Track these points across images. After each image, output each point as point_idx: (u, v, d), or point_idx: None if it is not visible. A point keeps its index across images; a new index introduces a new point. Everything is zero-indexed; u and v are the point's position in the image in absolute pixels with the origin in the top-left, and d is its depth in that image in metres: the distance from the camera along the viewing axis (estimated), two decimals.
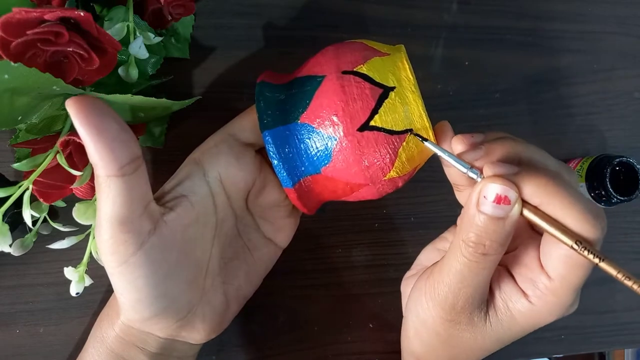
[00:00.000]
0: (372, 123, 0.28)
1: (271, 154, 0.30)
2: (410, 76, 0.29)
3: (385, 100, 0.28)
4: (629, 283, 0.25)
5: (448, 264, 0.28)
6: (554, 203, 0.26)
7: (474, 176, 0.27)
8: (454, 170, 0.29)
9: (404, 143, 0.29)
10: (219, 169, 0.31)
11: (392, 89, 0.29)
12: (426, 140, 0.28)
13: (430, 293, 0.30)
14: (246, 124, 0.32)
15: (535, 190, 0.26)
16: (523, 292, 0.29)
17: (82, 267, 0.33)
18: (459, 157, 0.28)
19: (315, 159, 0.29)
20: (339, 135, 0.28)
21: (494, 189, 0.26)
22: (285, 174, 0.30)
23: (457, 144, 0.28)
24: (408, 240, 0.43)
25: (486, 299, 0.29)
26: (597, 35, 0.48)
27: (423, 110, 0.29)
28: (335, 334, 0.42)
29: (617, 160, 0.42)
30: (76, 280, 0.33)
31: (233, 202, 0.32)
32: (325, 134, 0.29)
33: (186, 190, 0.30)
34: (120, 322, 0.30)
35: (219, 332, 0.33)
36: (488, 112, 0.45)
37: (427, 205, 0.44)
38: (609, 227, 0.47)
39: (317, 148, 0.29)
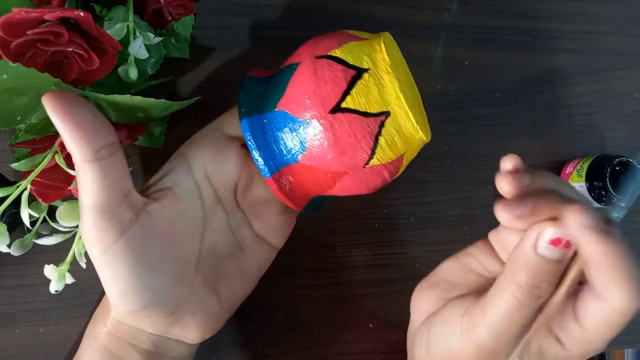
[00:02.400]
0: (343, 105, 0.27)
1: (248, 142, 0.29)
2: (387, 58, 0.28)
3: (358, 81, 0.27)
4: None
5: (493, 304, 0.27)
6: (602, 267, 0.24)
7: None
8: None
9: (382, 127, 0.28)
10: (203, 162, 0.31)
11: (366, 70, 0.28)
12: None
13: (469, 335, 0.28)
14: (232, 119, 0.33)
15: (602, 252, 0.24)
16: (557, 337, 0.27)
17: (65, 266, 0.33)
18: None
19: (292, 145, 0.29)
20: (311, 119, 0.28)
21: (556, 233, 0.25)
22: (262, 162, 0.29)
23: (504, 184, 0.25)
24: (408, 240, 0.43)
25: None
26: (597, 35, 0.48)
27: (400, 92, 0.27)
28: (335, 334, 0.42)
29: (617, 160, 0.42)
30: (56, 278, 0.33)
31: (221, 196, 0.32)
32: (300, 119, 0.28)
33: (171, 182, 0.30)
34: (111, 317, 0.30)
35: (212, 333, 0.32)
36: (488, 112, 0.45)
37: (427, 205, 0.44)
38: None
39: (293, 134, 0.28)
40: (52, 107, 0.26)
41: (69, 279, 0.34)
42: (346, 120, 0.27)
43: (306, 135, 0.28)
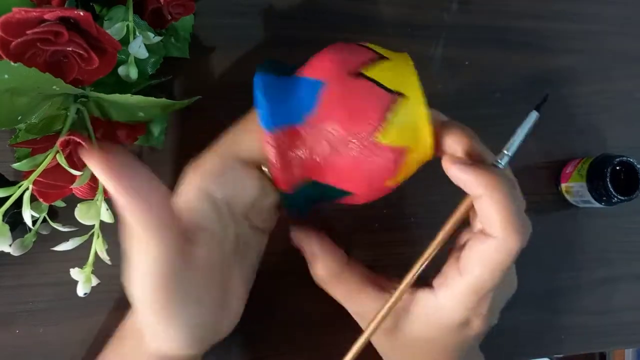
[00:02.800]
0: (364, 72, 0.28)
1: (258, 94, 0.29)
2: (414, 71, 0.30)
3: (384, 61, 0.29)
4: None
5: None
6: (494, 199, 0.27)
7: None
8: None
9: (395, 106, 0.28)
10: (227, 197, 0.30)
11: (389, 58, 0.30)
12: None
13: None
14: (251, 146, 0.31)
15: (482, 182, 0.27)
16: (433, 287, 0.31)
17: (88, 267, 0.33)
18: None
19: (301, 105, 0.29)
20: (327, 79, 0.28)
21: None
22: (267, 115, 0.29)
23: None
24: (408, 240, 0.43)
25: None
26: (597, 35, 0.48)
27: (417, 81, 0.29)
28: (335, 334, 0.42)
29: (618, 160, 0.43)
30: (83, 281, 0.33)
31: (237, 218, 0.32)
32: (316, 79, 0.29)
33: (202, 222, 0.30)
34: (150, 354, 0.30)
35: (237, 322, 0.34)
36: (488, 112, 0.45)
37: (427, 205, 0.44)
38: (609, 227, 0.47)
39: (305, 94, 0.29)
40: (103, 173, 0.25)
41: (94, 281, 0.34)
42: (363, 85, 0.28)
43: (318, 93, 0.28)
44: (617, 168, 0.43)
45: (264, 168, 0.32)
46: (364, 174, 0.29)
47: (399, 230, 0.43)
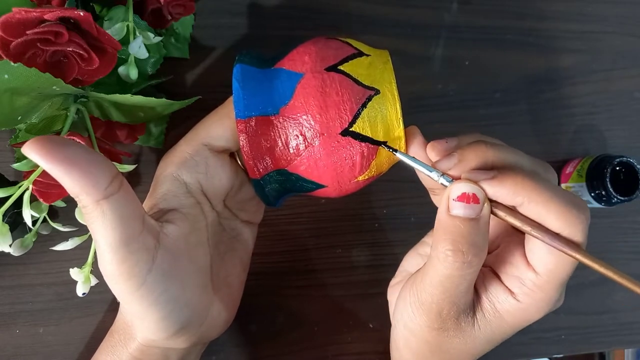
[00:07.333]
0: (340, 67, 0.29)
1: (235, 84, 0.29)
2: (390, 64, 0.30)
3: (358, 58, 0.29)
4: (614, 276, 0.26)
5: (429, 275, 0.28)
6: (535, 200, 0.25)
7: (447, 183, 0.27)
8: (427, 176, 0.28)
9: (369, 101, 0.28)
10: (199, 181, 0.31)
11: (368, 55, 0.30)
12: (397, 151, 0.28)
13: (415, 303, 0.29)
14: (220, 132, 0.31)
15: (514, 190, 0.26)
16: (510, 290, 0.28)
17: (87, 267, 0.33)
18: (432, 166, 0.27)
19: (277, 96, 0.29)
20: (304, 71, 0.29)
21: (461, 188, 0.26)
22: (241, 103, 0.29)
23: (431, 151, 0.28)
24: (408, 240, 0.43)
25: (472, 302, 0.29)
26: (597, 35, 0.48)
27: (394, 79, 0.29)
28: (335, 334, 0.42)
29: (617, 160, 0.43)
30: (82, 280, 0.33)
31: (215, 205, 0.32)
32: (293, 71, 0.29)
33: (174, 204, 0.30)
34: (137, 344, 0.30)
35: (232, 319, 0.34)
36: (488, 112, 0.45)
37: (427, 205, 0.43)
38: (609, 227, 0.47)
39: (281, 85, 0.29)
40: (38, 154, 0.23)
41: (93, 280, 0.34)
42: (338, 79, 0.28)
43: (295, 85, 0.29)
44: (617, 168, 0.43)
45: (236, 157, 0.33)
46: (334, 166, 0.29)
47: (399, 230, 0.43)
